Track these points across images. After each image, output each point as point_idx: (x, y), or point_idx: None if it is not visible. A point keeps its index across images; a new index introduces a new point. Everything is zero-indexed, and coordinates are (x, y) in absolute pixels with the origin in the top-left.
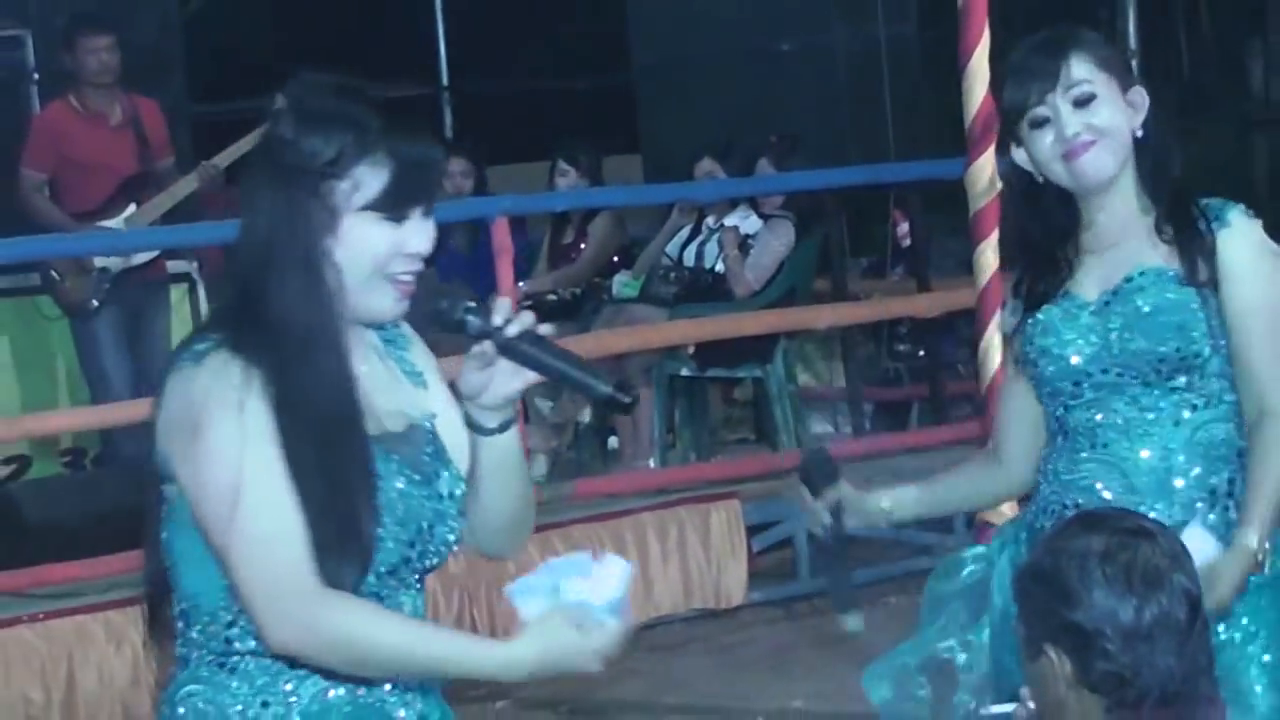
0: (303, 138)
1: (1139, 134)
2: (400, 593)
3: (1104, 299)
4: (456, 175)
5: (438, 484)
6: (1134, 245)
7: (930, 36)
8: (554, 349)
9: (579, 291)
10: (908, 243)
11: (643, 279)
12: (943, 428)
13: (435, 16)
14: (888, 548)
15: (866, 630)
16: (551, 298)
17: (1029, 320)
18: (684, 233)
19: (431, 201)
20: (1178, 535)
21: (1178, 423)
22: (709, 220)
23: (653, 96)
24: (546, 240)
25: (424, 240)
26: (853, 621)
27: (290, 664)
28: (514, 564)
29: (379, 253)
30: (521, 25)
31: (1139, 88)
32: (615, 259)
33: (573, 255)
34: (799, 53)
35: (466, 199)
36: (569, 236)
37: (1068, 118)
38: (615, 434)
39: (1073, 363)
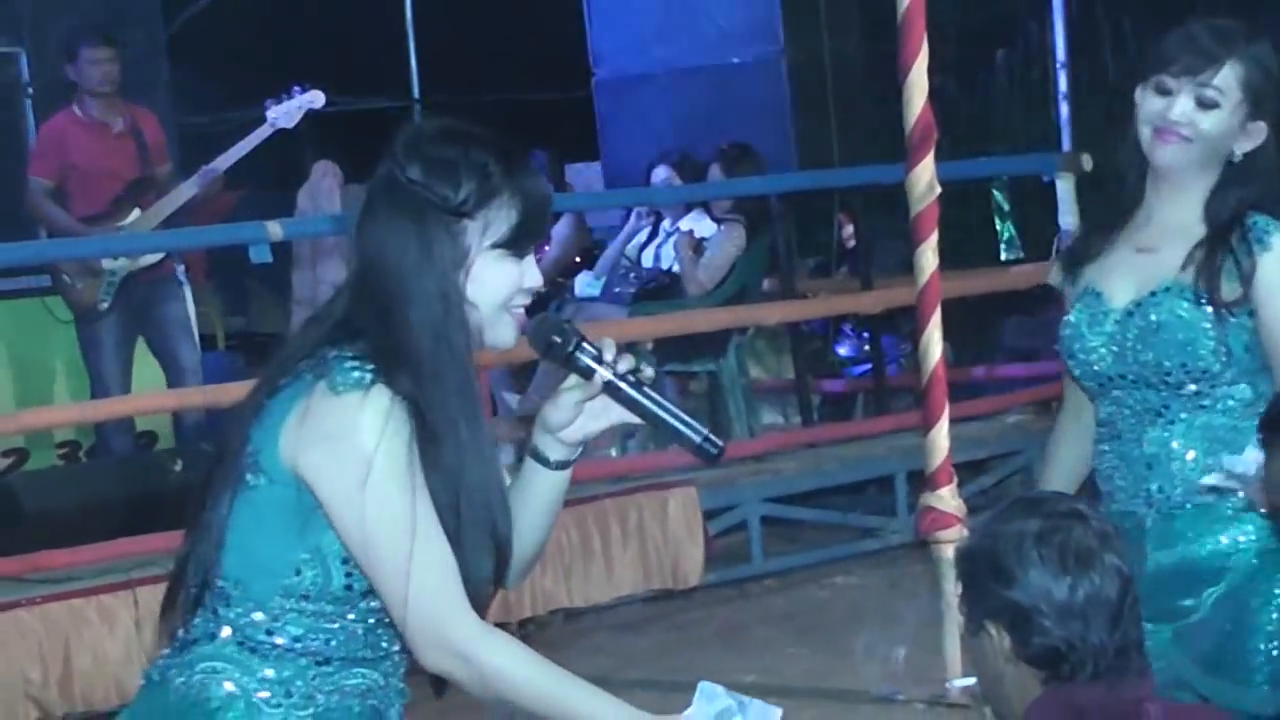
0: (433, 183)
1: (1237, 158)
2: None
3: (1128, 309)
4: None
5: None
6: (1174, 255)
7: (872, 51)
8: (654, 393)
9: (544, 290)
10: (852, 244)
11: (603, 279)
12: (885, 417)
13: (407, 33)
14: (833, 531)
15: (813, 610)
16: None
17: (1063, 321)
18: (642, 235)
19: (544, 237)
20: (1108, 518)
21: (1183, 419)
22: (665, 223)
23: (611, 108)
24: None
25: (538, 276)
26: None
27: (316, 662)
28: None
29: (505, 289)
30: (488, 42)
31: (1263, 124)
32: (578, 260)
33: (538, 256)
34: (748, 66)
35: None
36: None
37: (1183, 106)
38: None
39: (1096, 368)
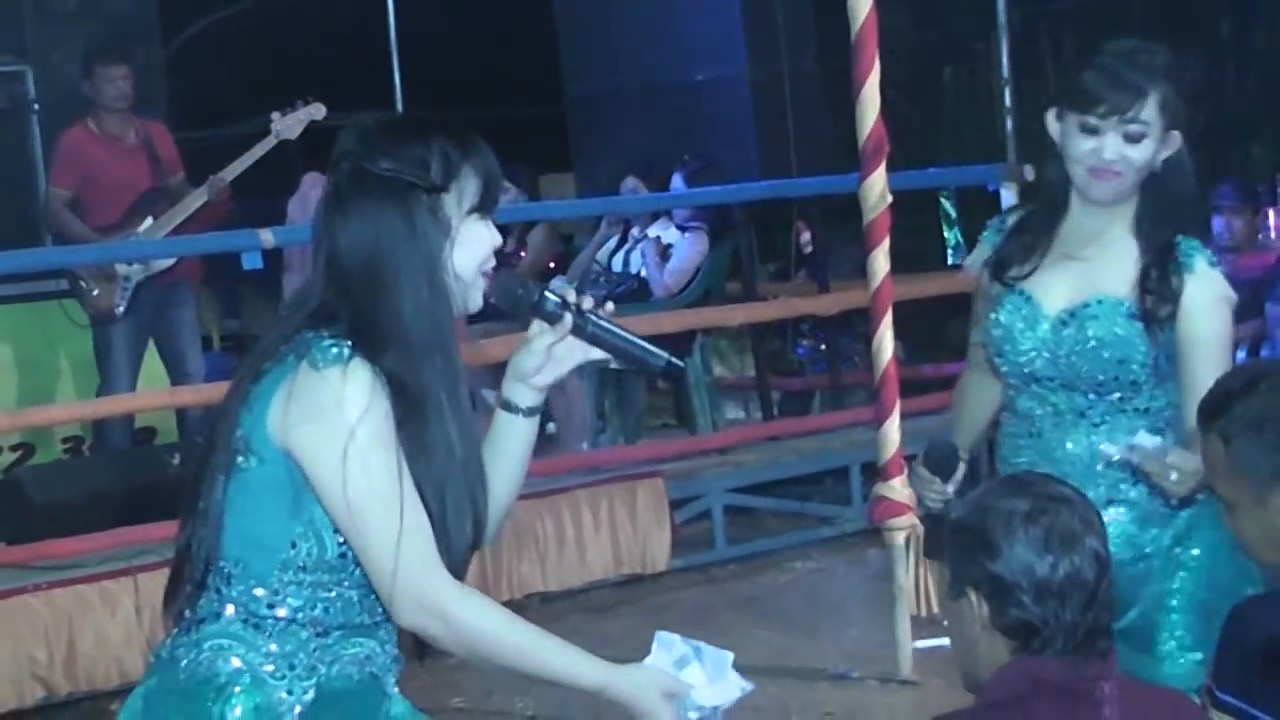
0: (405, 167)
1: (1157, 169)
2: None
3: (1062, 317)
4: None
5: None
6: (1106, 263)
7: (828, 69)
8: (619, 326)
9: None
10: (809, 250)
11: (576, 283)
12: (841, 412)
13: (391, 53)
14: (792, 519)
15: (774, 593)
16: (494, 300)
17: (995, 316)
18: (612, 242)
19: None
20: (1092, 504)
21: (1106, 421)
22: (634, 231)
23: (583, 122)
24: None
25: (499, 235)
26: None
27: (317, 634)
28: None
29: (485, 249)
30: (468, 61)
31: (1178, 134)
32: (552, 265)
33: (514, 262)
34: (712, 83)
35: None
36: (510, 246)
37: (1114, 145)
38: (553, 420)
39: (1026, 369)
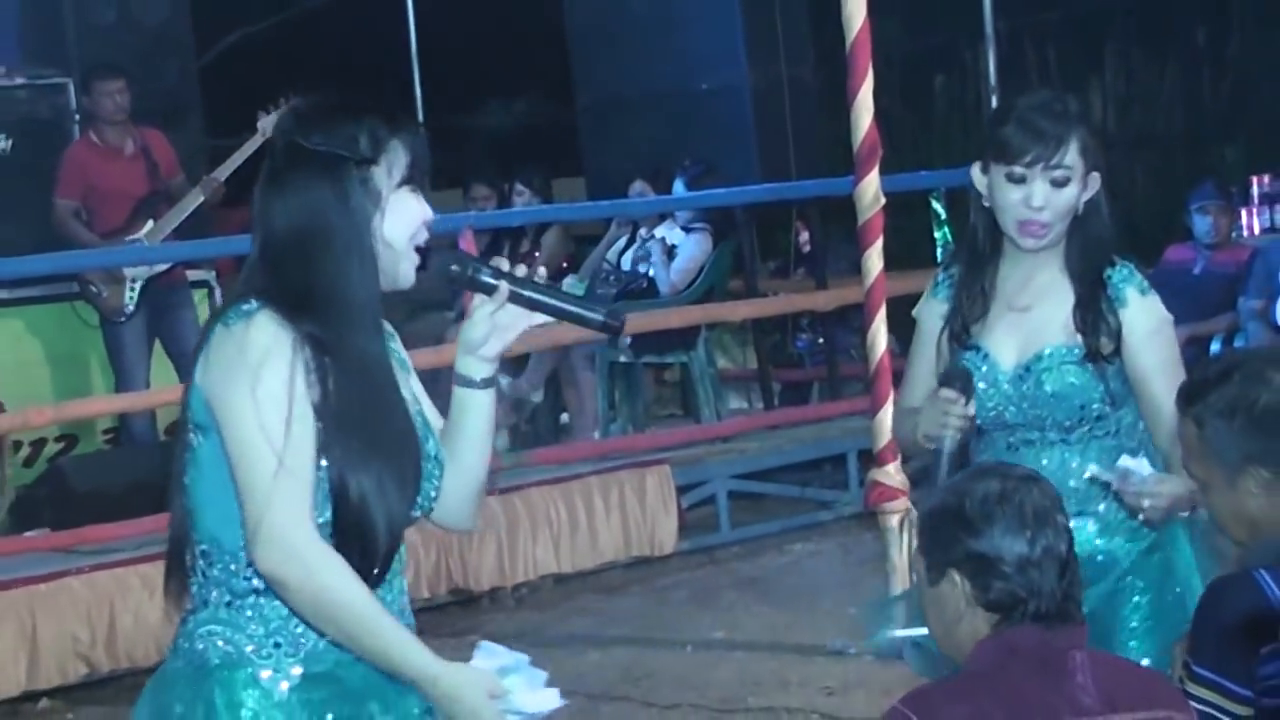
0: (337, 141)
1: (1079, 211)
2: None
3: (1018, 371)
4: (480, 198)
5: (427, 446)
6: (1046, 311)
7: (824, 76)
8: (554, 289)
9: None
10: (808, 249)
11: (587, 281)
12: (838, 402)
13: (412, 63)
14: (792, 503)
15: (775, 573)
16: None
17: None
18: (621, 242)
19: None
20: (1051, 484)
21: (1078, 444)
22: (641, 232)
23: (593, 129)
24: (506, 249)
25: (429, 208)
26: None
27: None
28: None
29: (415, 220)
30: (485, 71)
31: (1097, 174)
32: (564, 264)
33: (528, 262)
34: (714, 91)
35: (440, 215)
36: (525, 246)
37: (1042, 192)
38: (565, 410)
39: (993, 418)
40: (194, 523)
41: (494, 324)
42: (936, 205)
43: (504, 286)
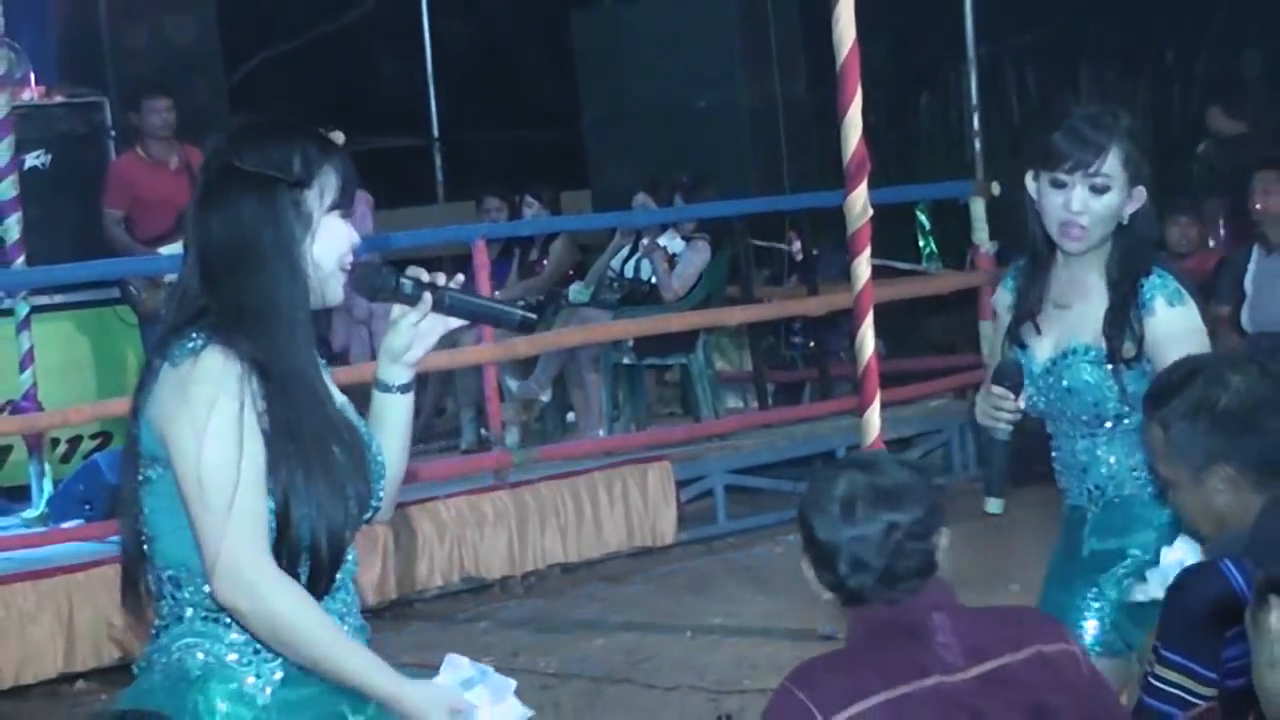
0: (270, 163)
1: (1124, 221)
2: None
3: (1047, 365)
4: (492, 209)
5: (373, 449)
6: (1083, 312)
7: (816, 96)
8: (473, 294)
9: (542, 298)
10: (800, 257)
11: (592, 287)
12: (828, 402)
13: (429, 83)
14: (786, 496)
15: (769, 562)
16: (520, 303)
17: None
18: (624, 251)
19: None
20: (902, 470)
21: (1104, 436)
22: (644, 241)
23: (598, 145)
24: (516, 258)
25: (356, 233)
26: (994, 505)
27: None
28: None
29: (343, 244)
30: (497, 90)
31: (1143, 188)
32: (571, 272)
33: (537, 269)
34: (713, 109)
35: (455, 226)
36: (534, 255)
37: (1080, 198)
38: (572, 410)
39: (1031, 403)
40: (156, 549)
41: (416, 331)
42: (921, 216)
43: (427, 296)
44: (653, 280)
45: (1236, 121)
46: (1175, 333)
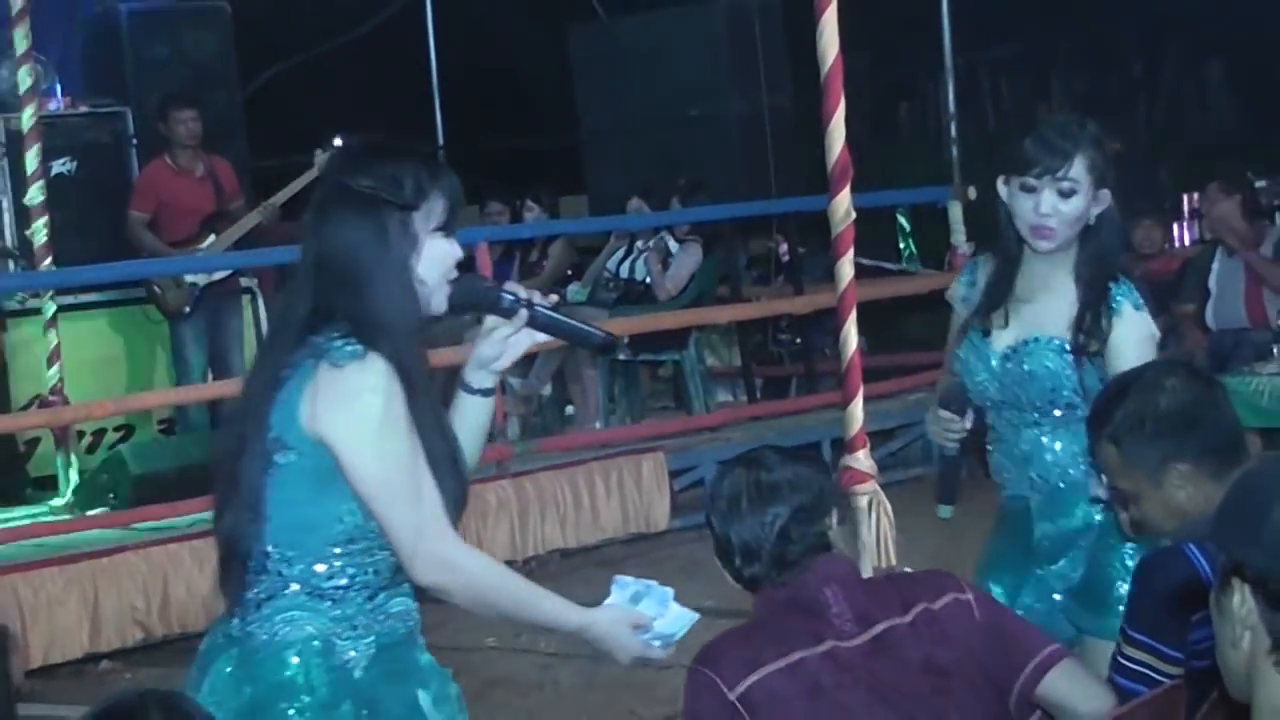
0: (382, 187)
1: (1091, 222)
2: None
3: (1006, 352)
4: (494, 213)
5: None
6: (1048, 306)
7: (801, 105)
8: (562, 313)
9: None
10: (786, 259)
11: (590, 287)
12: (813, 396)
13: (434, 95)
14: None
15: None
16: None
17: (958, 351)
18: (620, 253)
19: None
20: (781, 462)
21: (1050, 425)
22: (638, 243)
23: (596, 151)
24: (518, 259)
25: (460, 250)
26: (945, 510)
27: (368, 597)
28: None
29: (447, 261)
30: (498, 100)
31: (1108, 191)
32: (569, 273)
33: (537, 270)
34: (703, 118)
35: (460, 229)
36: (534, 256)
37: (1049, 201)
38: (570, 403)
39: (984, 394)
40: (268, 528)
41: (506, 344)
42: (901, 219)
43: (523, 311)
44: (647, 280)
45: (1112, 141)
46: (1137, 336)
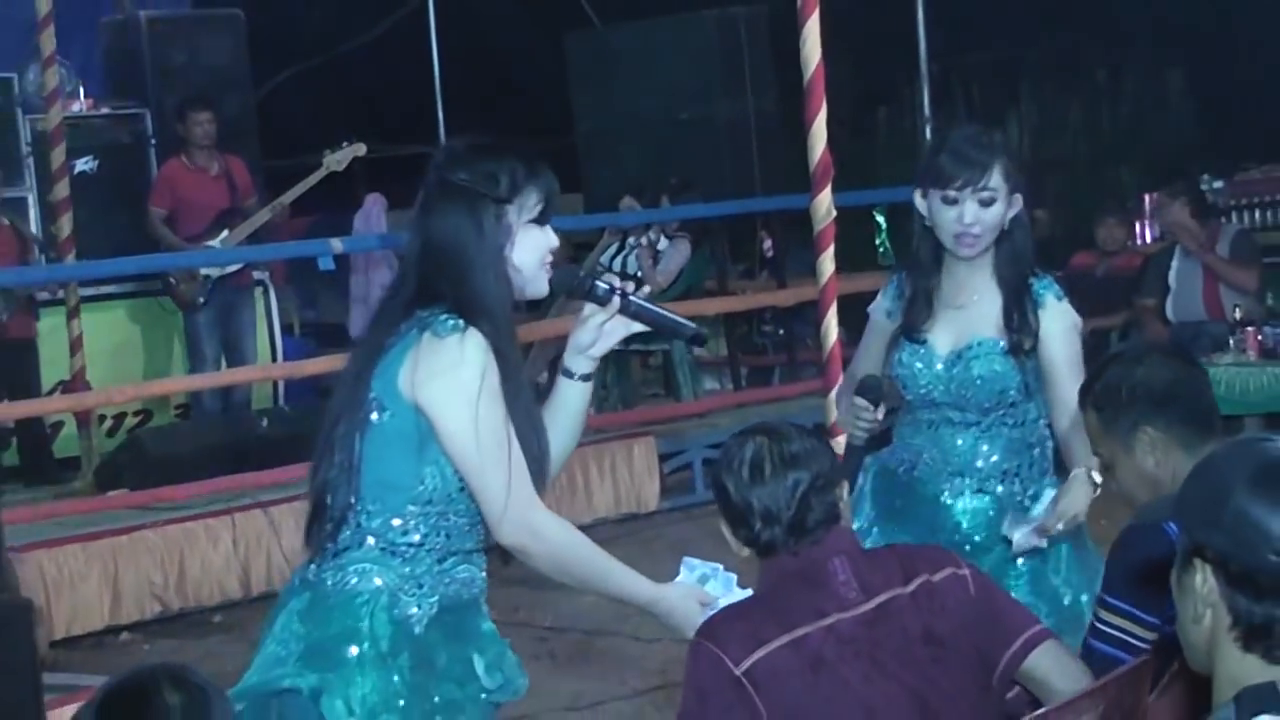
0: (479, 182)
1: (1005, 226)
2: None
3: (951, 358)
4: None
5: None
6: (979, 310)
7: (785, 108)
8: (654, 304)
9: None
10: (771, 254)
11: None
12: (796, 384)
13: (436, 97)
14: None
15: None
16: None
17: (898, 357)
18: (613, 248)
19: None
20: (797, 436)
21: (990, 431)
22: (630, 239)
23: (590, 151)
24: None
25: (556, 239)
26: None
27: (437, 560)
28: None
29: (541, 250)
30: (498, 101)
31: (1019, 195)
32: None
33: (635, 280)
34: (692, 120)
35: None
36: None
37: (972, 211)
38: None
39: (928, 398)
40: (359, 481)
41: (601, 330)
42: (879, 218)
43: (616, 300)
44: (638, 274)
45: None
46: (1063, 324)
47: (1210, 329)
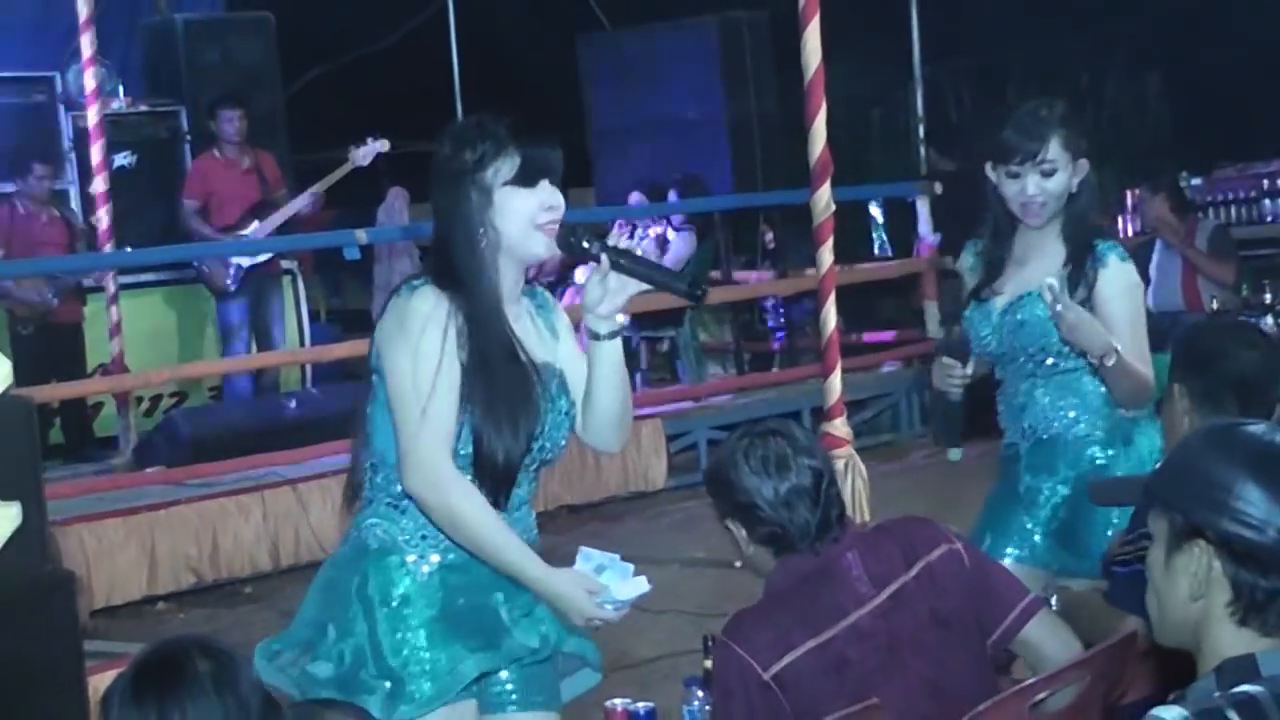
0: (458, 151)
1: (1073, 190)
2: (522, 475)
3: (1004, 309)
4: None
5: (560, 403)
6: (1041, 265)
7: (786, 109)
8: (645, 259)
9: (553, 280)
10: (772, 246)
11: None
12: (796, 369)
13: (455, 95)
14: None
15: None
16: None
17: (967, 314)
18: (623, 240)
19: (556, 176)
20: (807, 432)
21: (1043, 377)
22: (639, 231)
23: (602, 149)
24: None
25: (555, 197)
26: (955, 453)
27: None
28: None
29: (527, 211)
30: (513, 101)
31: (1084, 160)
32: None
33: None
34: (698, 120)
35: None
36: None
37: (1033, 183)
38: None
39: (987, 350)
40: (369, 444)
41: (604, 288)
42: (875, 212)
43: (604, 258)
44: None
45: (946, 160)
46: (1123, 282)
47: (1188, 319)
